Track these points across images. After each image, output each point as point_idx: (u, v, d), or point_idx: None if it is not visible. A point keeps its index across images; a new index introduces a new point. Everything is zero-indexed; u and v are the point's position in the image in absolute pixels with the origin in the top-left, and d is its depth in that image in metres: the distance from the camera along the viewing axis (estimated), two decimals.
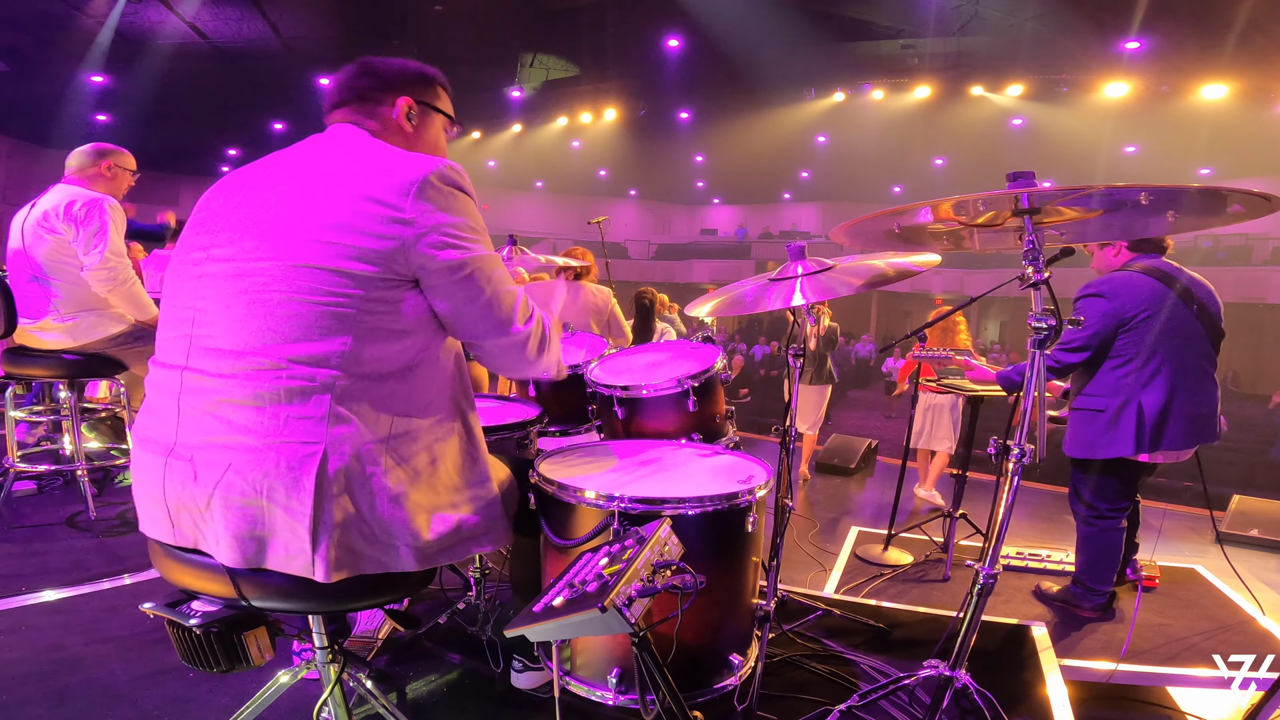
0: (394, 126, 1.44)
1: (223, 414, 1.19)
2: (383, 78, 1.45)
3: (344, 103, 1.43)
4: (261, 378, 1.18)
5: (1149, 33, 11.31)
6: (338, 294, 1.18)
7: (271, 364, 1.17)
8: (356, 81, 1.43)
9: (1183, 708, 2.23)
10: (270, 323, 1.18)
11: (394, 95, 1.44)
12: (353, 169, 1.25)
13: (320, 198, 1.22)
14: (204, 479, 1.19)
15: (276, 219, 1.22)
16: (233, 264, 1.23)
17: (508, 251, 2.98)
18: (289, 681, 1.58)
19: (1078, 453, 2.76)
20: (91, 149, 3.10)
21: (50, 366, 3.03)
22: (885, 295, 23.21)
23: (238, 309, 1.20)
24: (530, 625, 1.22)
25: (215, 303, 1.23)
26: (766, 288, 2.09)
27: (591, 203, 25.16)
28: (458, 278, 1.26)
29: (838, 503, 4.73)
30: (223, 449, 1.18)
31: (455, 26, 13.18)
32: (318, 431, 1.17)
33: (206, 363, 1.22)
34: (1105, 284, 2.68)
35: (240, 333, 1.19)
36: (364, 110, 1.42)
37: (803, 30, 13.07)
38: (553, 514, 1.67)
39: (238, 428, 1.18)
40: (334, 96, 1.45)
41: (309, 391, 1.17)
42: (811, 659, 2.22)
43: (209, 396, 1.21)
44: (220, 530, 1.19)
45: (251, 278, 1.20)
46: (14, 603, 2.41)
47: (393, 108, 1.43)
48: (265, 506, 1.17)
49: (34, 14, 11.11)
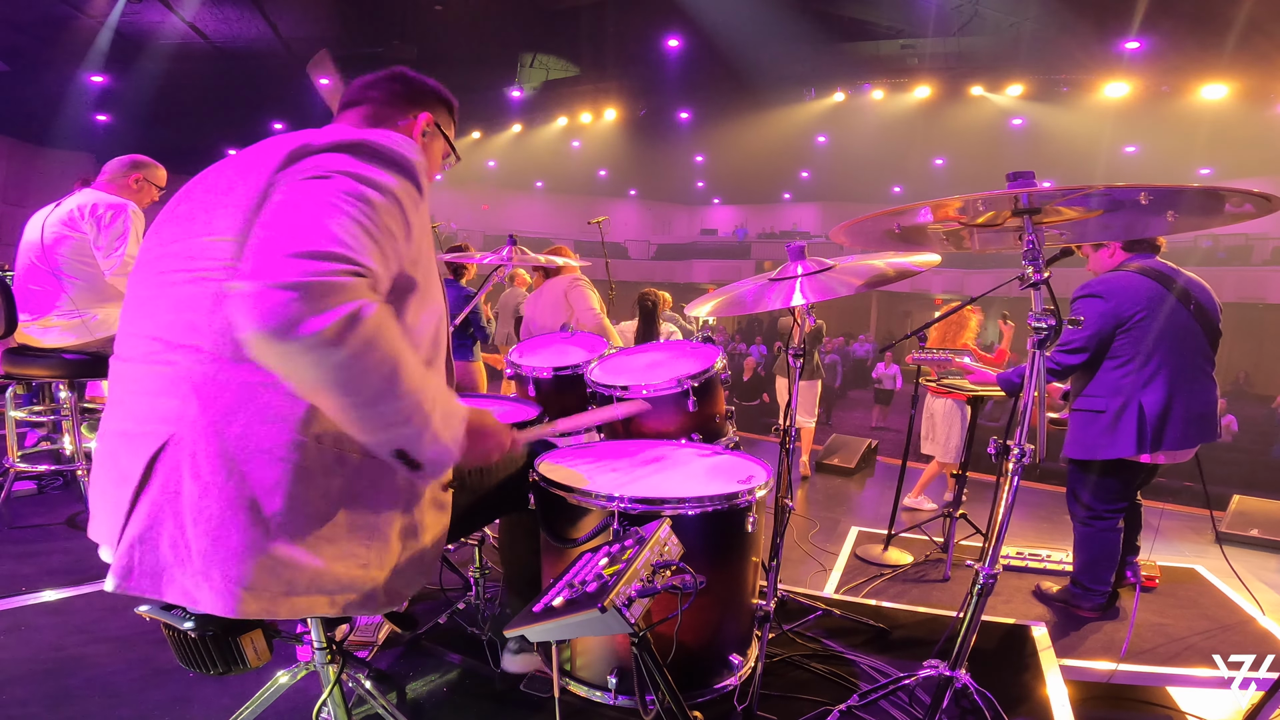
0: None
1: (123, 398, 1.19)
2: (415, 89, 1.44)
3: (363, 102, 1.40)
4: (150, 358, 1.15)
5: (1149, 33, 11.30)
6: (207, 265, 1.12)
7: (156, 347, 1.14)
8: (388, 85, 1.41)
9: (1183, 708, 2.23)
10: (160, 304, 1.16)
11: (419, 109, 1.43)
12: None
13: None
14: (109, 467, 1.18)
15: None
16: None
17: (508, 252, 2.98)
18: (288, 682, 1.58)
19: (1079, 454, 2.75)
20: (127, 160, 3.25)
21: (50, 366, 3.04)
22: (885, 295, 23.21)
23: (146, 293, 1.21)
24: (530, 625, 1.22)
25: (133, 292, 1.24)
26: (766, 288, 2.09)
27: (591, 203, 25.15)
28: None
29: (838, 503, 4.73)
30: (118, 436, 1.17)
31: (455, 26, 13.17)
32: (169, 414, 1.08)
33: (122, 349, 1.22)
34: (1101, 284, 2.68)
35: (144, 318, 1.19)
36: (382, 115, 1.39)
37: (803, 30, 13.06)
38: (552, 514, 1.67)
39: (127, 412, 1.17)
40: (355, 94, 1.42)
41: (173, 372, 1.10)
42: (811, 659, 2.22)
43: (122, 385, 1.21)
44: (106, 517, 1.17)
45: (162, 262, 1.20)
46: (14, 603, 2.41)
47: (415, 121, 1.42)
48: (118, 493, 1.12)
49: (34, 14, 11.10)
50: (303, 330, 0.91)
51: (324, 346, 0.93)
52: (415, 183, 1.15)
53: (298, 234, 0.97)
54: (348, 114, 1.41)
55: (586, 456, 1.97)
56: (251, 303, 0.91)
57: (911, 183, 22.52)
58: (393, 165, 1.12)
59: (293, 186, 1.05)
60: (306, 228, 0.98)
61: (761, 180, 24.64)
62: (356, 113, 1.40)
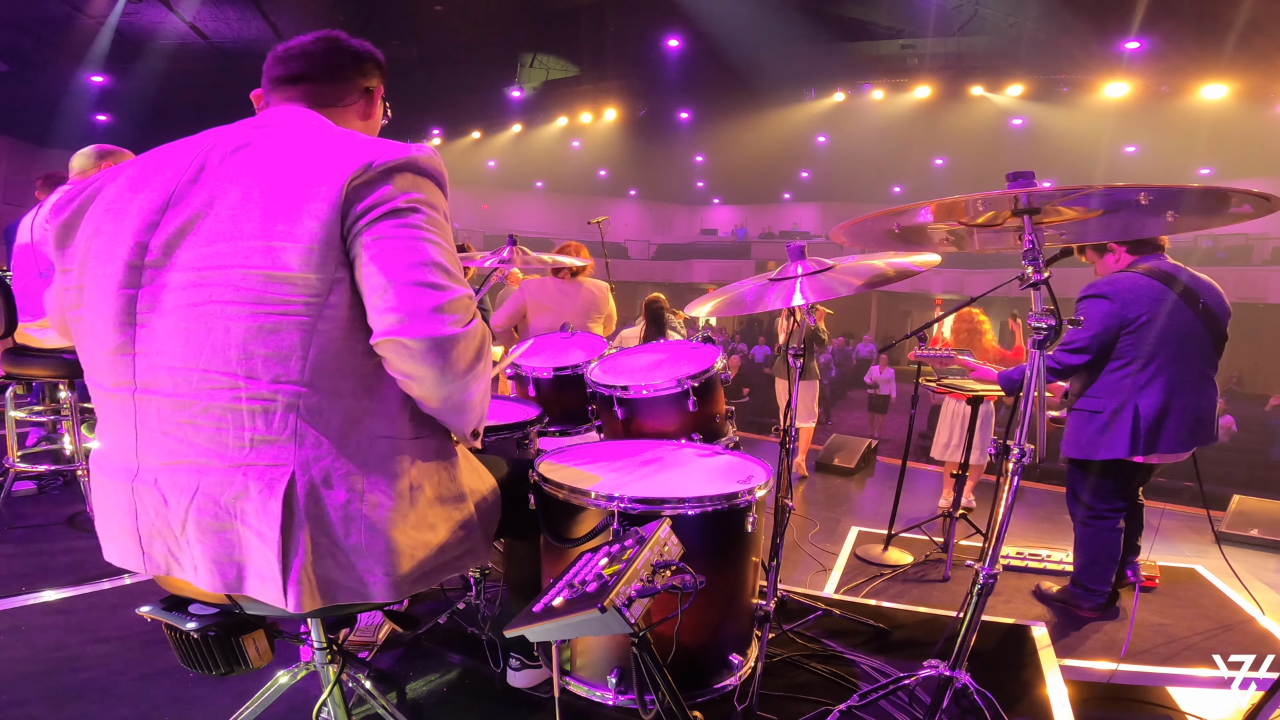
0: (363, 114, 1.39)
1: (183, 435, 1.13)
2: (360, 57, 1.38)
3: (304, 78, 1.32)
4: (219, 395, 1.10)
5: (1149, 33, 11.31)
6: (288, 301, 1.10)
7: (229, 382, 1.10)
8: (329, 57, 1.35)
9: (1183, 708, 2.23)
10: (223, 337, 1.10)
11: (369, 80, 1.39)
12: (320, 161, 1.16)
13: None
14: (175, 503, 1.14)
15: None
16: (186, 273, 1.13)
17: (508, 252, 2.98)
18: (288, 682, 1.58)
19: (1074, 453, 2.76)
20: (93, 150, 3.13)
21: (50, 366, 3.04)
22: (885, 295, 23.21)
23: (188, 323, 1.11)
24: (530, 625, 1.22)
25: (161, 317, 1.13)
26: (766, 288, 2.09)
27: (591, 203, 25.15)
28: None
29: (838, 503, 4.74)
30: (189, 471, 1.13)
31: (455, 26, 13.17)
32: (284, 453, 1.11)
33: (160, 382, 1.13)
34: (1107, 285, 2.66)
35: (195, 349, 1.11)
36: (330, 93, 1.34)
37: (803, 30, 13.07)
38: (552, 514, 1.67)
39: (200, 450, 1.12)
40: (293, 68, 1.32)
41: (271, 410, 1.10)
42: (811, 659, 2.22)
43: (167, 418, 1.13)
44: (198, 555, 1.15)
45: (203, 289, 1.11)
46: (14, 603, 2.41)
47: (373, 96, 1.40)
48: (240, 531, 1.12)
49: (34, 14, 11.12)
50: (466, 372, 1.17)
51: (478, 378, 1.21)
52: (446, 193, 1.24)
53: (428, 286, 1.12)
54: (288, 90, 1.32)
55: (586, 456, 1.97)
56: (417, 358, 1.12)
57: (911, 183, 22.54)
58: (438, 182, 1.20)
59: (389, 230, 1.12)
60: (431, 276, 1.12)
61: (761, 180, 24.66)
62: (299, 91, 1.32)
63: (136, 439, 1.17)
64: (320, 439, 1.13)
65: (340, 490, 1.14)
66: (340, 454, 1.14)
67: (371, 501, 1.17)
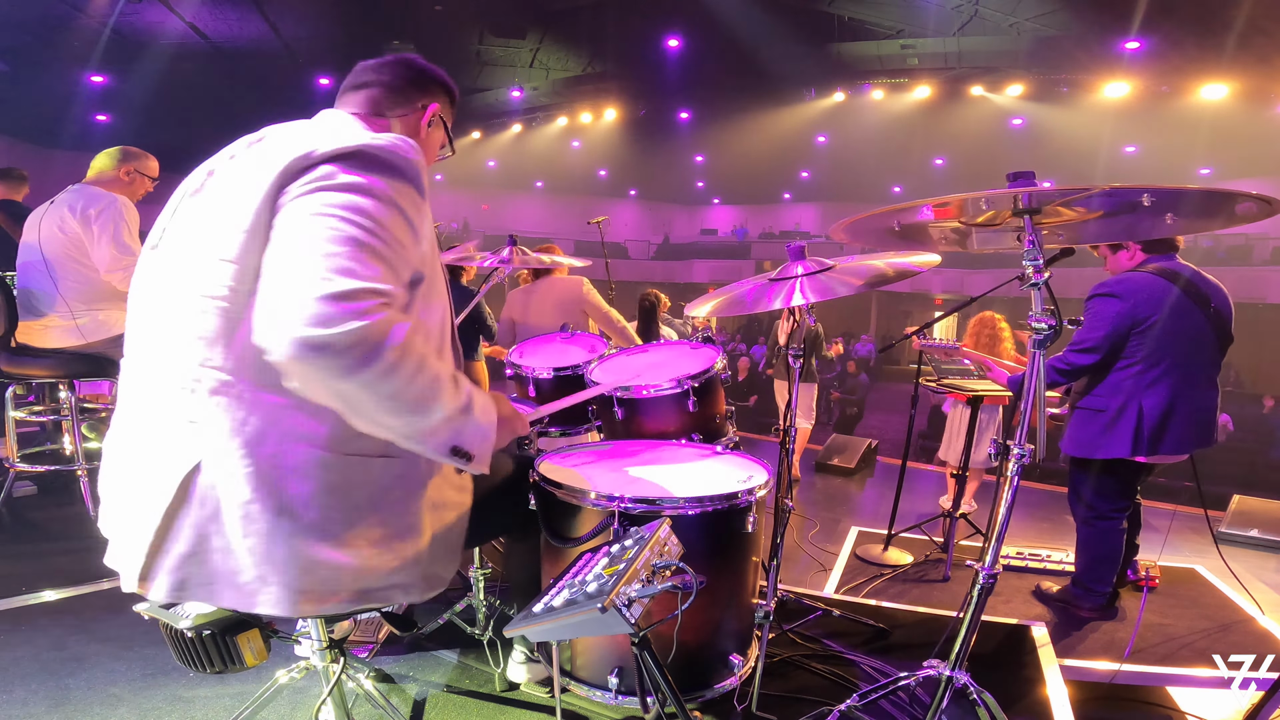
0: (411, 128, 1.39)
1: (139, 419, 1.19)
2: (425, 76, 1.41)
3: (370, 85, 1.36)
4: (163, 379, 1.15)
5: (1149, 33, 11.31)
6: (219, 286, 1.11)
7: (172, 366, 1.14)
8: (396, 70, 1.38)
9: (1183, 708, 2.23)
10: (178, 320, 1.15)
11: (426, 98, 1.40)
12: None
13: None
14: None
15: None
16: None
17: (508, 252, 2.98)
18: (288, 682, 1.59)
19: (1076, 451, 2.74)
20: (116, 153, 3.17)
21: (50, 366, 3.03)
22: (885, 295, 23.20)
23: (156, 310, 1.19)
24: (530, 625, 1.22)
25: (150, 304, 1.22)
26: (766, 288, 2.09)
27: (591, 203, 25.14)
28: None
29: (838, 503, 4.73)
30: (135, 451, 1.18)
31: (455, 26, 13.18)
32: (197, 435, 1.10)
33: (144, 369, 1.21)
34: (1119, 284, 2.63)
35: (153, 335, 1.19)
36: (387, 101, 1.36)
37: (803, 30, 13.08)
38: (553, 514, 1.67)
39: (142, 431, 1.18)
40: (361, 77, 1.37)
41: (196, 392, 1.11)
42: (811, 659, 2.22)
43: (139, 403, 1.20)
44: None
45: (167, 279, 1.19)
46: (14, 603, 2.41)
47: (422, 111, 1.40)
48: (139, 516, 1.13)
49: (34, 14, 11.10)
50: (353, 374, 0.97)
51: (375, 382, 0.99)
52: (416, 185, 1.15)
53: (319, 269, 0.98)
54: (351, 97, 1.37)
55: (586, 456, 1.97)
56: (293, 348, 0.95)
57: (911, 182, 22.52)
58: (393, 171, 1.12)
59: (299, 211, 1.05)
60: (325, 262, 0.99)
61: (761, 180, 24.65)
62: (360, 96, 1.36)
63: (128, 418, 1.24)
64: (237, 431, 1.09)
65: (249, 491, 1.08)
66: (254, 453, 1.08)
67: (280, 504, 1.09)
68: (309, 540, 1.11)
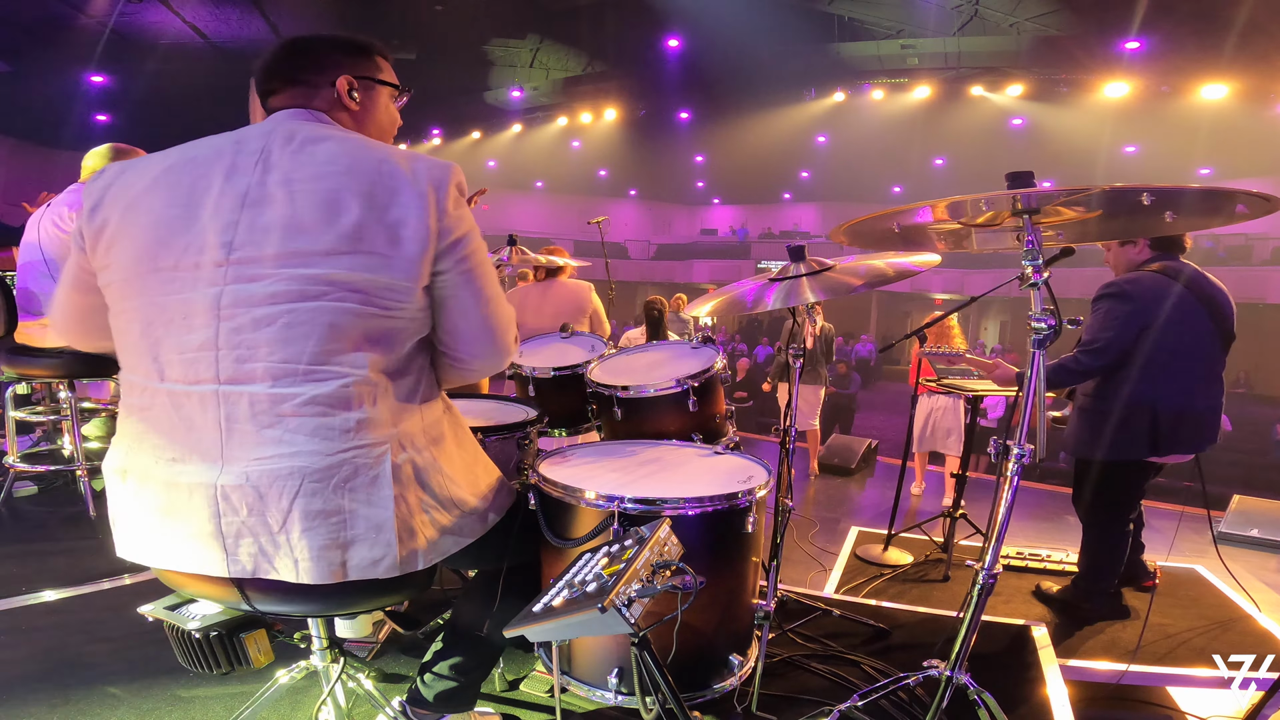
0: (339, 106, 1.33)
1: (276, 433, 1.13)
2: (315, 56, 1.33)
3: (277, 89, 1.31)
4: (311, 387, 1.14)
5: (1149, 33, 11.31)
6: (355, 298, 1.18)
7: (317, 374, 1.14)
8: (287, 62, 1.32)
9: (1183, 708, 2.23)
10: (305, 331, 1.14)
11: (330, 75, 1.32)
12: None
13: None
14: (274, 500, 1.14)
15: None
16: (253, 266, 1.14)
17: (508, 252, 2.98)
18: (288, 682, 1.59)
19: (1083, 453, 2.72)
20: (107, 150, 3.12)
21: (50, 366, 3.03)
22: (885, 295, 23.21)
23: (272, 318, 1.13)
24: (530, 625, 1.22)
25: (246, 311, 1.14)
26: (767, 288, 2.09)
27: (591, 203, 25.16)
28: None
29: (838, 503, 4.74)
30: (288, 464, 1.13)
31: (455, 26, 13.17)
32: (375, 432, 1.19)
33: (250, 377, 1.14)
34: (1129, 284, 2.61)
35: (283, 344, 1.13)
36: (303, 94, 1.30)
37: (803, 30, 13.09)
38: (553, 514, 1.67)
39: (304, 441, 1.14)
40: (264, 82, 1.32)
41: (357, 396, 1.18)
42: (811, 659, 2.22)
43: (260, 415, 1.13)
44: (302, 549, 1.15)
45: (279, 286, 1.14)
46: (14, 603, 2.41)
47: (332, 89, 1.32)
48: (348, 515, 1.17)
49: (34, 14, 11.11)
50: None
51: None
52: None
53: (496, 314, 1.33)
54: (273, 101, 1.31)
55: (586, 456, 1.97)
56: (489, 360, 1.38)
57: (911, 183, 22.54)
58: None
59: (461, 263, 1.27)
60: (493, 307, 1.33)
61: (761, 180, 24.67)
62: (281, 99, 1.30)
63: (224, 436, 1.14)
64: (394, 417, 1.23)
65: (424, 453, 1.27)
66: (409, 424, 1.26)
67: (445, 455, 1.32)
68: (462, 472, 1.37)
